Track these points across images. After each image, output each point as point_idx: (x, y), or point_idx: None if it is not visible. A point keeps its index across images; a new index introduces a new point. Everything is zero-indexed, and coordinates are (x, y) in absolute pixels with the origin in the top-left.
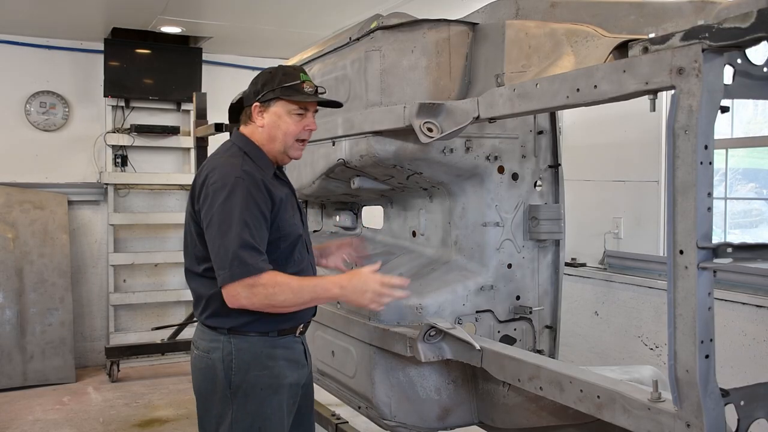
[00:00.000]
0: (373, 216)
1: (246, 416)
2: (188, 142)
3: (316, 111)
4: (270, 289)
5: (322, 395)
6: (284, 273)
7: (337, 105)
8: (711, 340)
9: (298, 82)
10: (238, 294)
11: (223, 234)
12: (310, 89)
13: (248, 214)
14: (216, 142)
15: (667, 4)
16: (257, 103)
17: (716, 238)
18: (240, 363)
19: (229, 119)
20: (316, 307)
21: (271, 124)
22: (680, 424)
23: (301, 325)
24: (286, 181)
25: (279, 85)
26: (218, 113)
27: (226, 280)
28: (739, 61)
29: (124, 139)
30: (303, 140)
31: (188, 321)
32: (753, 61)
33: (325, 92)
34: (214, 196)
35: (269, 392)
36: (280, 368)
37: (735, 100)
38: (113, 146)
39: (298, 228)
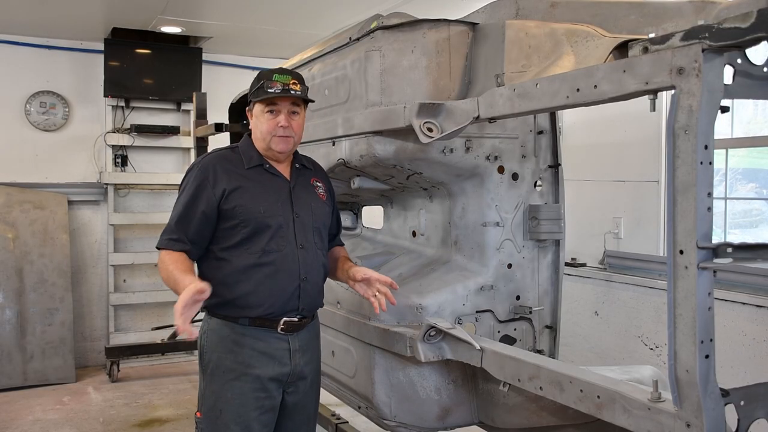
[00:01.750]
0: (373, 216)
1: (211, 395)
2: (188, 142)
3: (296, 109)
4: (159, 263)
5: (322, 395)
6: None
7: (304, 98)
8: (711, 340)
9: (268, 81)
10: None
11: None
12: (277, 88)
13: (183, 199)
14: (216, 142)
15: (667, 4)
16: (248, 108)
17: (716, 238)
18: (210, 342)
19: (229, 119)
20: (299, 304)
21: (254, 125)
22: (680, 424)
23: (282, 322)
24: (277, 174)
25: (254, 89)
26: (218, 113)
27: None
28: (739, 61)
29: (124, 139)
30: (282, 135)
31: None
32: (753, 61)
33: (299, 88)
34: None
35: (231, 377)
36: (245, 356)
37: (735, 100)
38: (113, 146)
39: (267, 218)
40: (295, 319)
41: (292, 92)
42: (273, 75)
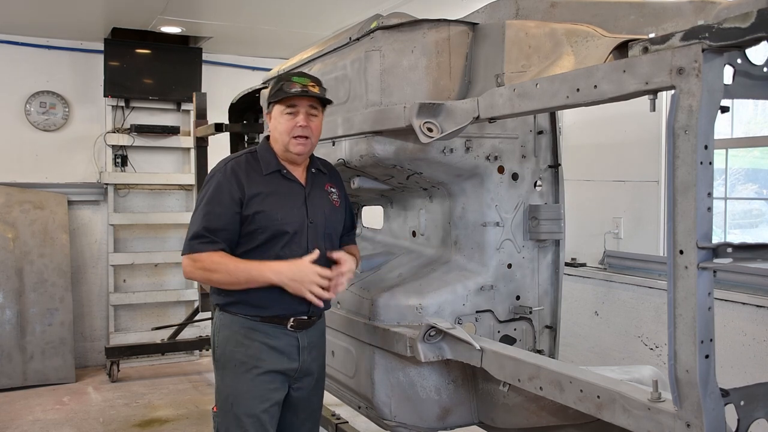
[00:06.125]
0: (373, 216)
1: (224, 387)
2: (188, 142)
3: (315, 112)
4: (208, 265)
5: None
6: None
7: (324, 99)
8: (711, 340)
9: (287, 82)
10: (186, 265)
11: (192, 216)
12: (296, 89)
13: (209, 205)
14: (216, 142)
15: (667, 4)
16: (267, 112)
17: (716, 238)
18: (222, 337)
19: (229, 119)
20: (309, 306)
21: (272, 126)
22: (680, 424)
23: (292, 319)
24: (294, 180)
25: (273, 91)
26: (218, 113)
27: (182, 253)
28: (739, 61)
29: (124, 139)
30: (300, 136)
31: (188, 321)
32: (753, 61)
33: (317, 90)
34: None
35: (243, 369)
36: (256, 350)
37: (735, 100)
38: (113, 146)
39: (285, 225)
40: (305, 317)
41: (311, 92)
42: (292, 77)
